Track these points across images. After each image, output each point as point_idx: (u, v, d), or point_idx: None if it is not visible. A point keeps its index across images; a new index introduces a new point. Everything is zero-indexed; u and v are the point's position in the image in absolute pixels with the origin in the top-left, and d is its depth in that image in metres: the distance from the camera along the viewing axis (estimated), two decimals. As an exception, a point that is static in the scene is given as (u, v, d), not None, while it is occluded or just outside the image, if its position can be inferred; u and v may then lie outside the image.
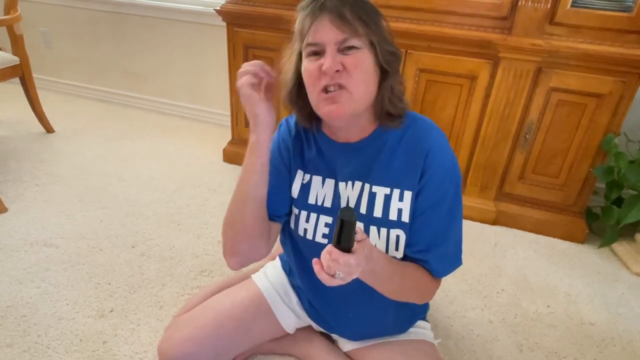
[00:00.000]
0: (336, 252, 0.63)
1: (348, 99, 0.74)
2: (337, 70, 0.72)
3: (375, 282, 0.77)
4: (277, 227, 0.92)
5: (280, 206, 0.90)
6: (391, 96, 0.79)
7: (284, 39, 1.78)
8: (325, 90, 0.74)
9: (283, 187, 0.89)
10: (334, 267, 0.63)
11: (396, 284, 0.81)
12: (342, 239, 0.62)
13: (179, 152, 2.21)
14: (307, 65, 0.75)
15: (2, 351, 1.10)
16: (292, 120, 0.91)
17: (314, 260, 0.66)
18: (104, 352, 1.12)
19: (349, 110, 0.75)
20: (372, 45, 0.74)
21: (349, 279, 0.66)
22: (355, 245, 0.64)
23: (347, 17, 0.71)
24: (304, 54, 0.76)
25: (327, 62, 0.71)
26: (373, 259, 0.71)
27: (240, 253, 0.87)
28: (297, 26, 0.77)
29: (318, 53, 0.74)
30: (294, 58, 0.80)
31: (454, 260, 0.87)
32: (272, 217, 0.89)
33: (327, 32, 0.71)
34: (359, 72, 0.73)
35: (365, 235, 0.68)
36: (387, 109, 0.79)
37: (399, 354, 0.95)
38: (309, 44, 0.74)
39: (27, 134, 2.28)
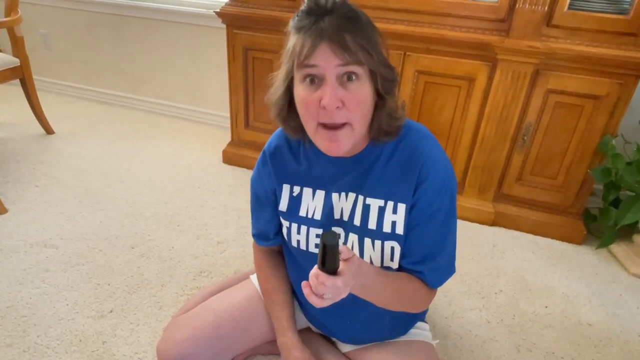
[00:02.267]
0: (322, 276, 0.64)
1: (348, 135, 0.72)
2: (338, 107, 0.69)
3: (367, 295, 0.77)
4: (279, 247, 1.02)
5: (276, 233, 0.97)
6: (388, 119, 0.77)
7: (283, 41, 1.79)
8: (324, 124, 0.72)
9: (274, 217, 0.94)
10: (321, 290, 0.65)
11: (389, 296, 0.81)
12: (327, 262, 0.63)
13: (179, 154, 2.21)
14: (303, 94, 0.71)
15: (1, 351, 1.10)
16: (273, 142, 0.90)
17: (303, 283, 0.67)
18: (103, 352, 1.12)
19: (348, 145, 0.74)
20: (371, 73, 0.71)
21: (338, 299, 0.67)
22: (342, 266, 0.65)
23: (349, 45, 0.67)
24: (298, 77, 0.72)
25: (327, 96, 0.68)
26: (362, 274, 0.71)
27: None
28: (290, 46, 0.72)
29: (314, 80, 0.70)
30: (283, 76, 0.76)
31: (447, 271, 0.86)
32: (272, 242, 0.98)
33: (329, 58, 0.67)
34: (359, 107, 0.70)
35: (352, 253, 0.68)
36: (384, 129, 0.78)
37: (398, 355, 0.95)
38: (307, 65, 0.68)
39: (26, 136, 2.28)
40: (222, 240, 1.58)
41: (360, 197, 0.83)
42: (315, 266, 0.65)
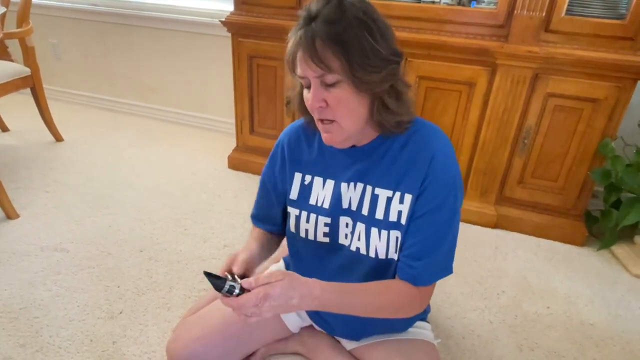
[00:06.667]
0: (227, 300, 0.71)
1: (338, 130, 0.78)
2: (321, 106, 0.75)
3: (335, 310, 0.80)
4: (279, 237, 1.02)
5: (277, 219, 1.00)
6: (385, 115, 0.78)
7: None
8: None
9: (276, 205, 0.97)
10: (239, 312, 0.72)
11: (362, 308, 0.81)
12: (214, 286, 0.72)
13: (185, 160, 2.25)
14: (304, 94, 0.79)
15: (15, 351, 1.14)
16: (288, 132, 0.95)
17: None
18: (113, 352, 1.15)
19: (340, 138, 0.80)
20: (353, 77, 0.72)
21: (265, 314, 0.72)
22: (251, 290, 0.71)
23: (318, 53, 0.70)
24: None
25: (310, 99, 0.75)
26: (313, 296, 0.74)
27: None
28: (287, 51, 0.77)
29: (307, 82, 0.75)
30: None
31: (443, 269, 0.85)
32: (272, 229, 1.00)
33: (305, 69, 0.73)
34: (341, 107, 0.75)
35: (265, 281, 0.72)
36: (384, 124, 0.80)
37: (400, 353, 0.97)
38: (297, 76, 0.76)
39: (37, 143, 2.33)
40: (228, 244, 1.61)
41: (369, 187, 0.85)
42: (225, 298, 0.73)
